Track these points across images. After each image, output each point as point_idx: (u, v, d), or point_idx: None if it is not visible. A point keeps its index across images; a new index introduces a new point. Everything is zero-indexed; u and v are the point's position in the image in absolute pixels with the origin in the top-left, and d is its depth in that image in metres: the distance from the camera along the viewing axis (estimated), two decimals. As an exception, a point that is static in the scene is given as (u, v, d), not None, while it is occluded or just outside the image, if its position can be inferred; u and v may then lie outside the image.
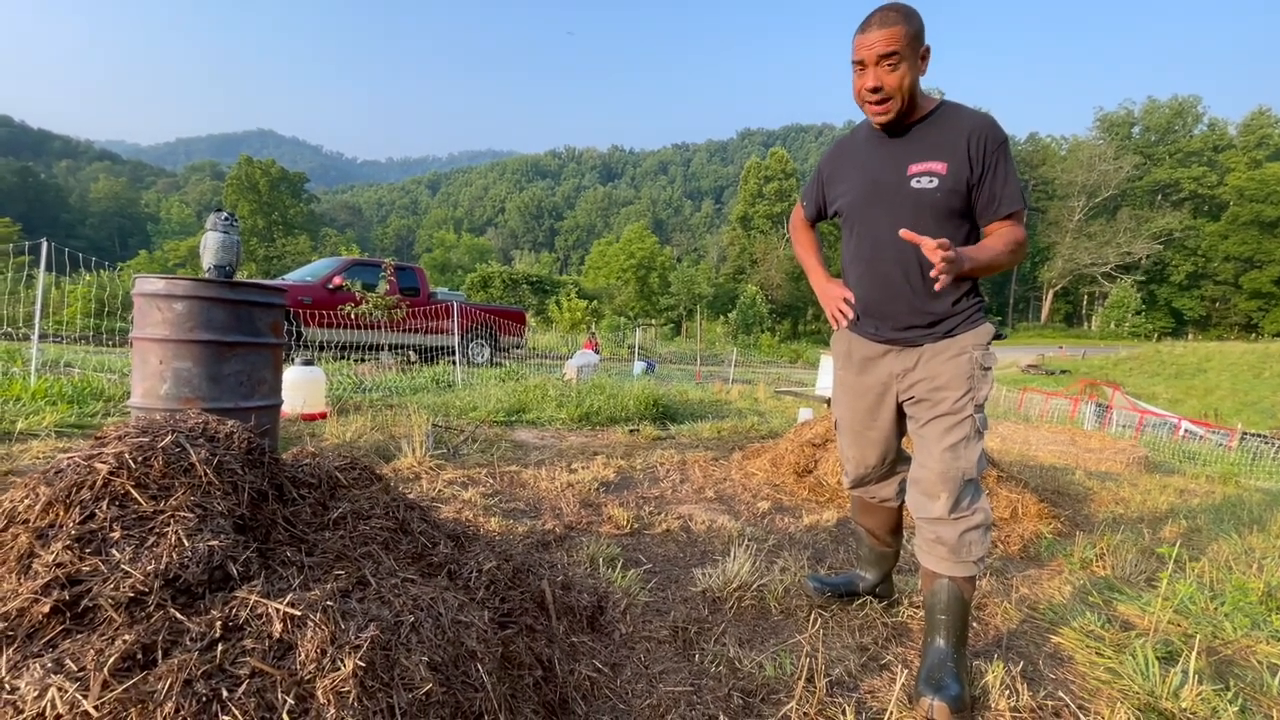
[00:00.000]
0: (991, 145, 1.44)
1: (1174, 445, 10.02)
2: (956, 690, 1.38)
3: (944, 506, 1.48)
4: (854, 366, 1.70)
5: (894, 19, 1.41)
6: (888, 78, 1.42)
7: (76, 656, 0.83)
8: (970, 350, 1.50)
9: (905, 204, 1.49)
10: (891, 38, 1.40)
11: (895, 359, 1.61)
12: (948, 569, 1.49)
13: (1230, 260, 54.25)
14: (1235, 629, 1.96)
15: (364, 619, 1.01)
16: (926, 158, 1.47)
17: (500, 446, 3.99)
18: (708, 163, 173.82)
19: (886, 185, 1.52)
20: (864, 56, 1.43)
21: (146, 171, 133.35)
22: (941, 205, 1.47)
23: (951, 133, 1.46)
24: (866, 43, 1.42)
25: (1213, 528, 3.39)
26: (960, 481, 1.47)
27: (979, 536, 1.48)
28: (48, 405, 3.60)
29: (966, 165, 1.44)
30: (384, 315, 8.16)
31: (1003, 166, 1.45)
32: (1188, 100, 62.21)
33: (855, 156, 1.63)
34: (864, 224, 1.59)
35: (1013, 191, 1.45)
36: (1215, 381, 30.80)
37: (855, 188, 1.60)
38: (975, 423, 1.49)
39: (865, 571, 1.96)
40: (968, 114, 1.49)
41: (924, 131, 1.50)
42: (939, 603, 1.50)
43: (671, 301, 48.11)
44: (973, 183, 1.46)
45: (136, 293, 2.54)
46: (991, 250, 1.42)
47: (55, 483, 1.06)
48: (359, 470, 1.51)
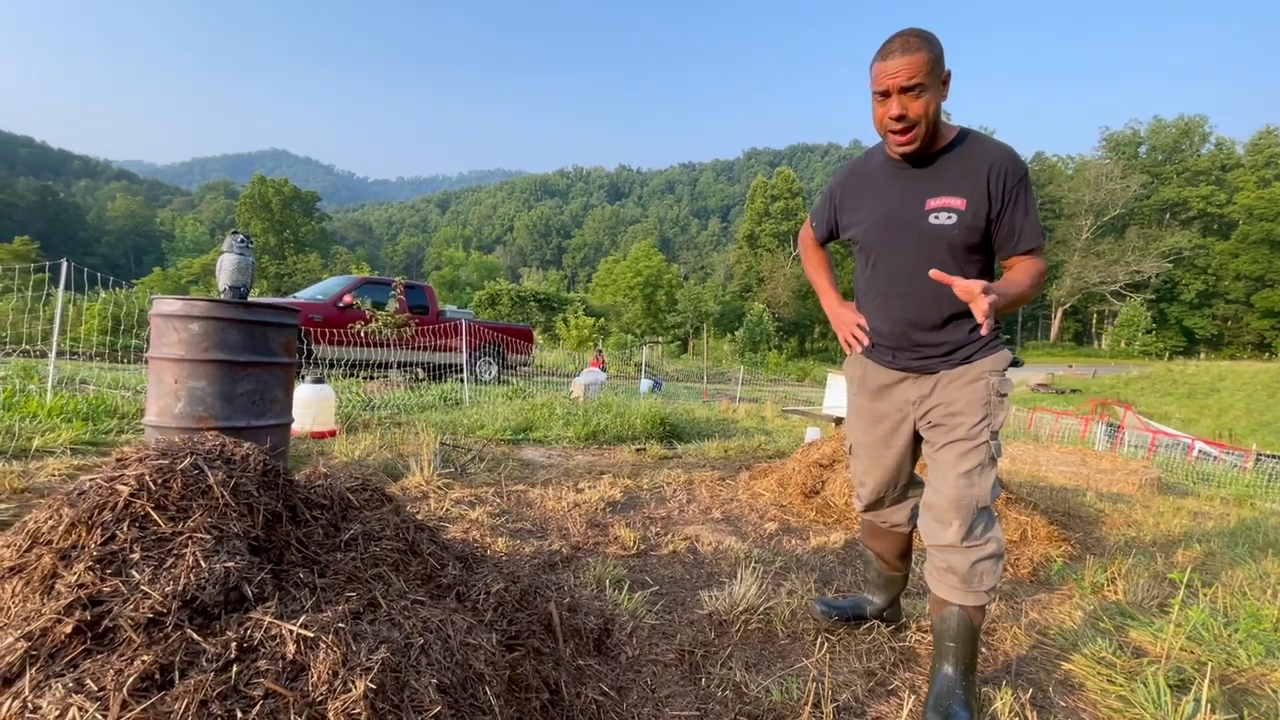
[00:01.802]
0: (1012, 180, 1.42)
1: (1187, 466, 9.89)
2: (965, 718, 1.38)
3: (956, 534, 1.45)
4: (869, 392, 1.69)
5: (916, 45, 1.36)
6: (912, 105, 1.38)
7: (97, 676, 0.85)
8: (988, 376, 1.49)
9: (923, 239, 1.48)
10: (915, 66, 1.35)
11: (912, 386, 1.60)
12: (958, 598, 1.47)
13: (1241, 279, 53.89)
14: (1249, 657, 1.93)
15: (375, 641, 1.02)
16: (945, 192, 1.45)
17: (507, 465, 4.01)
18: (714, 182, 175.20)
19: (904, 219, 1.50)
20: (887, 86, 1.38)
21: (162, 190, 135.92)
22: (959, 241, 1.45)
23: (972, 166, 1.44)
24: (889, 71, 1.37)
25: (1227, 551, 3.34)
26: (974, 509, 1.45)
27: (990, 566, 1.46)
28: (63, 422, 3.66)
29: (986, 200, 1.43)
30: (393, 333, 8.24)
31: (1023, 201, 1.43)
32: (1194, 120, 62.34)
33: (871, 184, 1.60)
34: (881, 256, 1.57)
35: (1033, 227, 1.44)
36: (1229, 401, 30.43)
37: (871, 219, 1.57)
38: (990, 449, 1.47)
39: (873, 595, 1.95)
40: (989, 146, 1.46)
41: (944, 164, 1.47)
42: (948, 630, 1.49)
43: (678, 319, 48.22)
44: (991, 217, 1.44)
45: (154, 313, 2.59)
46: (1018, 286, 1.41)
47: (78, 504, 1.09)
48: (370, 491, 1.53)
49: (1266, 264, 52.30)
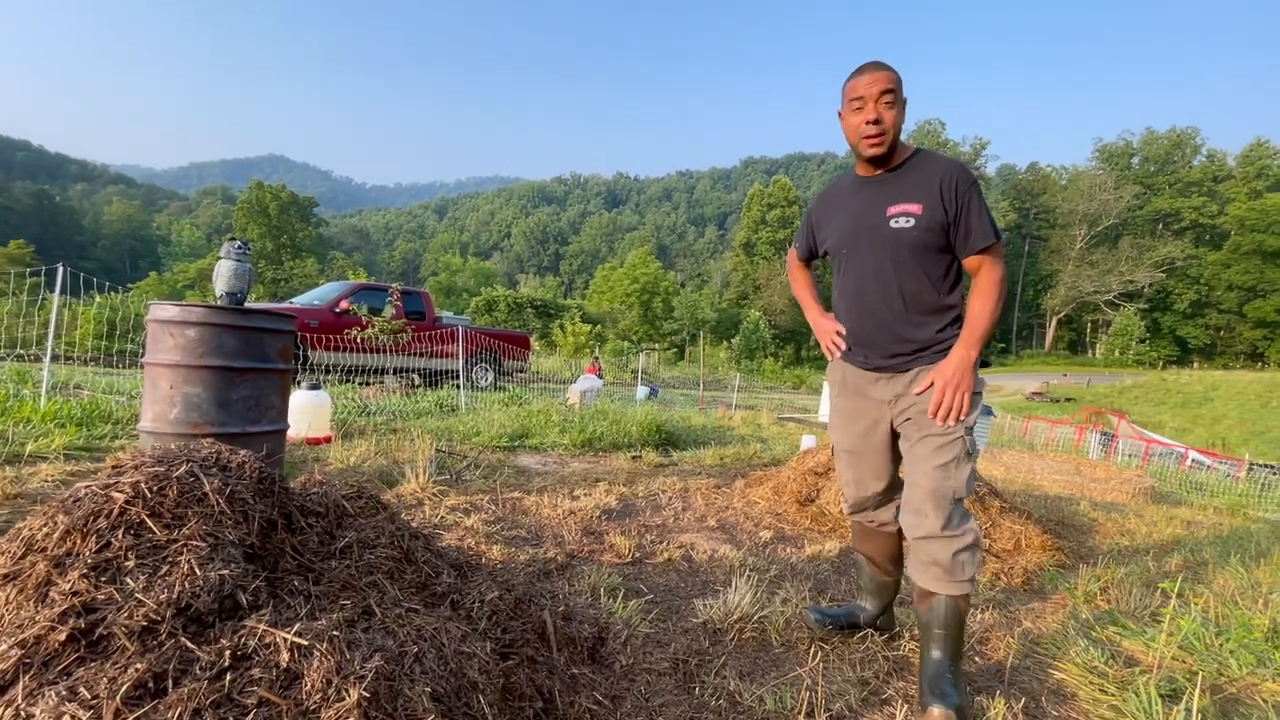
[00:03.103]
0: (963, 186, 1.57)
1: (1181, 475, 9.92)
2: (957, 700, 1.46)
3: (934, 523, 1.55)
4: (848, 393, 1.80)
5: (884, 66, 1.60)
6: (886, 113, 1.57)
7: (90, 684, 0.85)
8: None
9: (886, 242, 1.63)
10: (887, 79, 1.57)
11: (887, 385, 1.69)
12: (943, 588, 1.55)
13: (1234, 289, 54.31)
14: (1240, 666, 1.94)
15: (369, 649, 1.02)
16: (903, 200, 1.60)
17: (503, 472, 4.01)
18: (711, 190, 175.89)
19: (868, 226, 1.66)
20: (865, 93, 1.58)
21: (159, 195, 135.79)
22: (919, 242, 1.60)
23: (926, 176, 1.60)
24: (865, 82, 1.59)
25: (1219, 561, 3.36)
26: (950, 500, 1.55)
27: (970, 556, 1.56)
28: (57, 428, 3.64)
29: (940, 206, 1.57)
30: (390, 339, 8.23)
31: (975, 203, 1.57)
32: (1186, 132, 63.01)
33: (840, 201, 1.79)
34: (850, 261, 1.72)
35: (984, 226, 1.57)
36: (1222, 410, 30.59)
37: (841, 229, 1.74)
38: (965, 444, 1.57)
39: (866, 602, 1.98)
40: (940, 160, 1.63)
41: (902, 175, 1.64)
42: (936, 618, 1.57)
43: (675, 326, 48.29)
44: (947, 222, 1.58)
45: (150, 319, 2.59)
46: (980, 316, 1.56)
47: (73, 511, 1.09)
48: (365, 499, 1.54)
49: (1258, 274, 52.74)
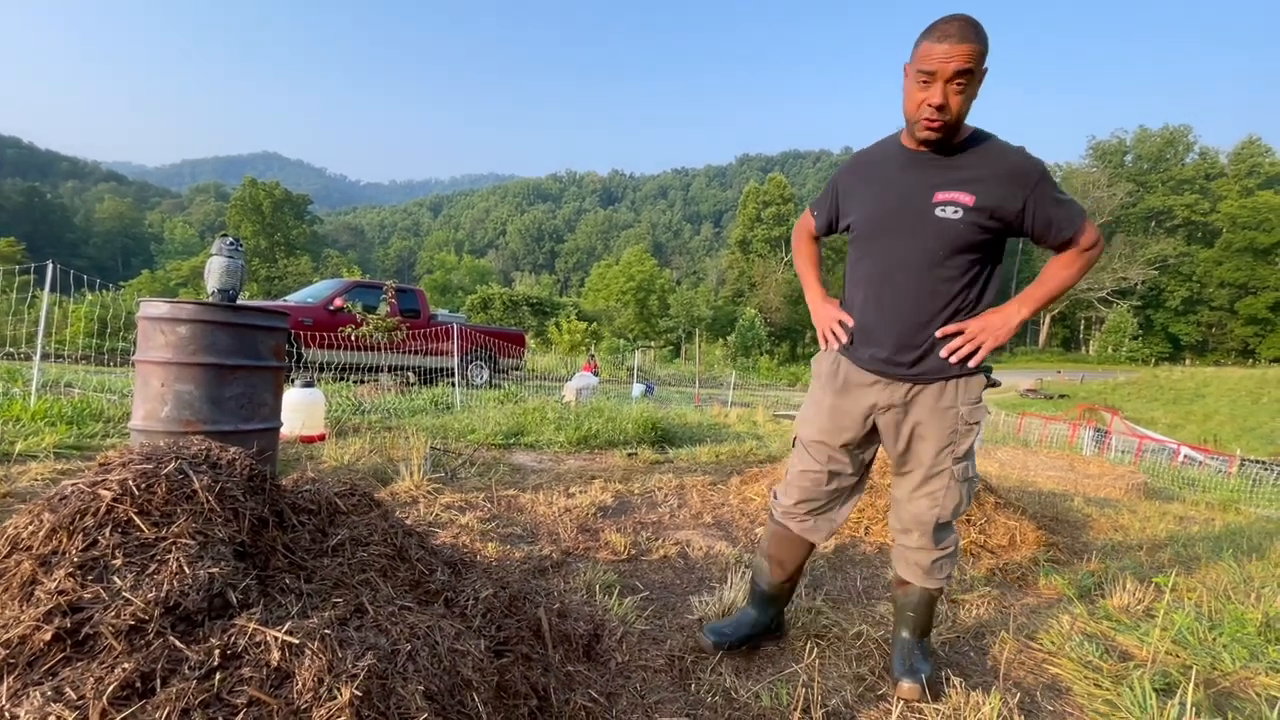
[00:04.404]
0: (1032, 178, 1.41)
1: (1173, 471, 9.99)
2: (928, 672, 1.61)
3: (919, 541, 1.62)
4: (835, 388, 1.64)
5: (974, 34, 1.31)
6: (954, 98, 1.34)
7: (76, 684, 0.83)
8: (958, 406, 1.52)
9: (927, 232, 1.45)
10: (969, 55, 1.30)
11: (882, 390, 1.57)
12: (921, 582, 1.66)
13: (1225, 286, 54.70)
14: (1233, 660, 1.95)
15: (361, 647, 1.01)
16: (955, 187, 1.42)
17: (498, 470, 3.99)
18: (707, 187, 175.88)
19: (909, 208, 1.47)
20: (937, 69, 1.32)
21: (151, 192, 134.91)
22: (963, 238, 1.43)
23: (986, 166, 1.42)
24: (941, 54, 1.31)
25: (1211, 556, 3.38)
26: (934, 525, 1.59)
27: (948, 561, 1.65)
28: (47, 426, 3.61)
29: (999, 202, 1.41)
30: (384, 337, 8.20)
31: (1049, 194, 1.42)
32: (1179, 130, 63.38)
33: (880, 172, 1.55)
34: (878, 247, 1.53)
35: (1066, 213, 1.44)
36: (1214, 407, 30.82)
37: (876, 207, 1.53)
38: (954, 474, 1.55)
39: (760, 613, 1.83)
40: (1004, 149, 1.45)
41: (960, 160, 1.44)
42: (910, 603, 1.69)
43: (671, 324, 48.29)
44: (1008, 219, 1.43)
45: (141, 316, 2.57)
46: (1052, 279, 1.50)
47: (59, 509, 1.07)
48: (358, 496, 1.52)
49: (1250, 271, 53.12)
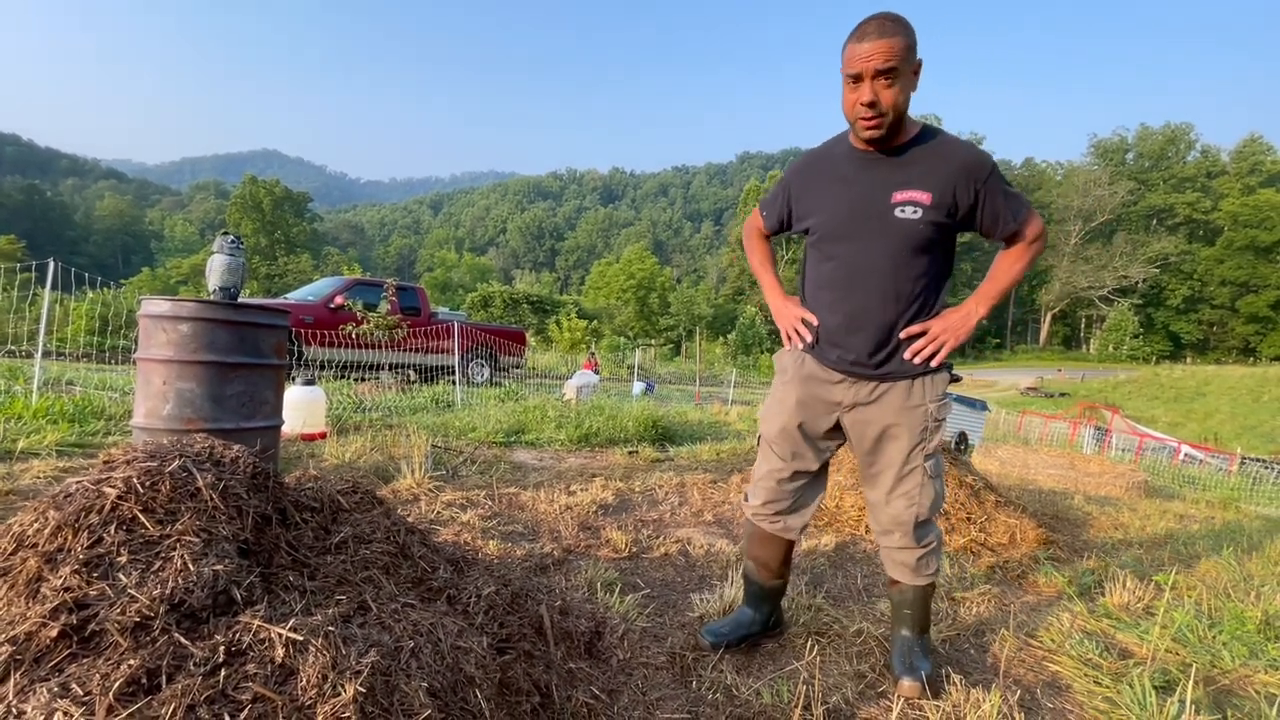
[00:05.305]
0: (983, 174, 1.43)
1: (1174, 470, 10.00)
2: (929, 669, 1.62)
3: (900, 541, 1.63)
4: (798, 385, 1.63)
5: (891, 29, 1.32)
6: (884, 94, 1.35)
7: (82, 681, 0.84)
8: (926, 404, 1.54)
9: (888, 233, 1.46)
10: (890, 51, 1.32)
11: (848, 389, 1.57)
12: (910, 580, 1.68)
13: (1226, 284, 54.67)
14: (1233, 658, 1.95)
15: (364, 644, 1.02)
16: (911, 186, 1.43)
17: (499, 468, 4.00)
18: (707, 185, 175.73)
19: (870, 210, 1.47)
20: (860, 69, 1.34)
21: (151, 190, 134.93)
22: (923, 236, 1.45)
23: (938, 163, 1.43)
24: (863, 54, 1.34)
25: (1211, 554, 3.38)
26: (913, 524, 1.59)
27: (933, 557, 1.66)
28: (49, 424, 3.61)
29: (952, 197, 1.43)
30: (385, 335, 8.20)
31: (997, 188, 1.45)
32: (1180, 128, 63.31)
33: (835, 173, 1.54)
34: (843, 249, 1.52)
35: (1012, 206, 1.47)
36: (1214, 405, 30.81)
37: (834, 210, 1.53)
38: (926, 470, 1.56)
39: (756, 611, 1.84)
40: (954, 144, 1.46)
41: (911, 157, 1.45)
42: (905, 601, 1.70)
43: (671, 322, 48.30)
44: (959, 214, 1.46)
45: (143, 314, 2.57)
46: (1003, 275, 1.53)
47: (64, 507, 1.08)
48: (361, 494, 1.53)
49: (1251, 270, 53.08)
